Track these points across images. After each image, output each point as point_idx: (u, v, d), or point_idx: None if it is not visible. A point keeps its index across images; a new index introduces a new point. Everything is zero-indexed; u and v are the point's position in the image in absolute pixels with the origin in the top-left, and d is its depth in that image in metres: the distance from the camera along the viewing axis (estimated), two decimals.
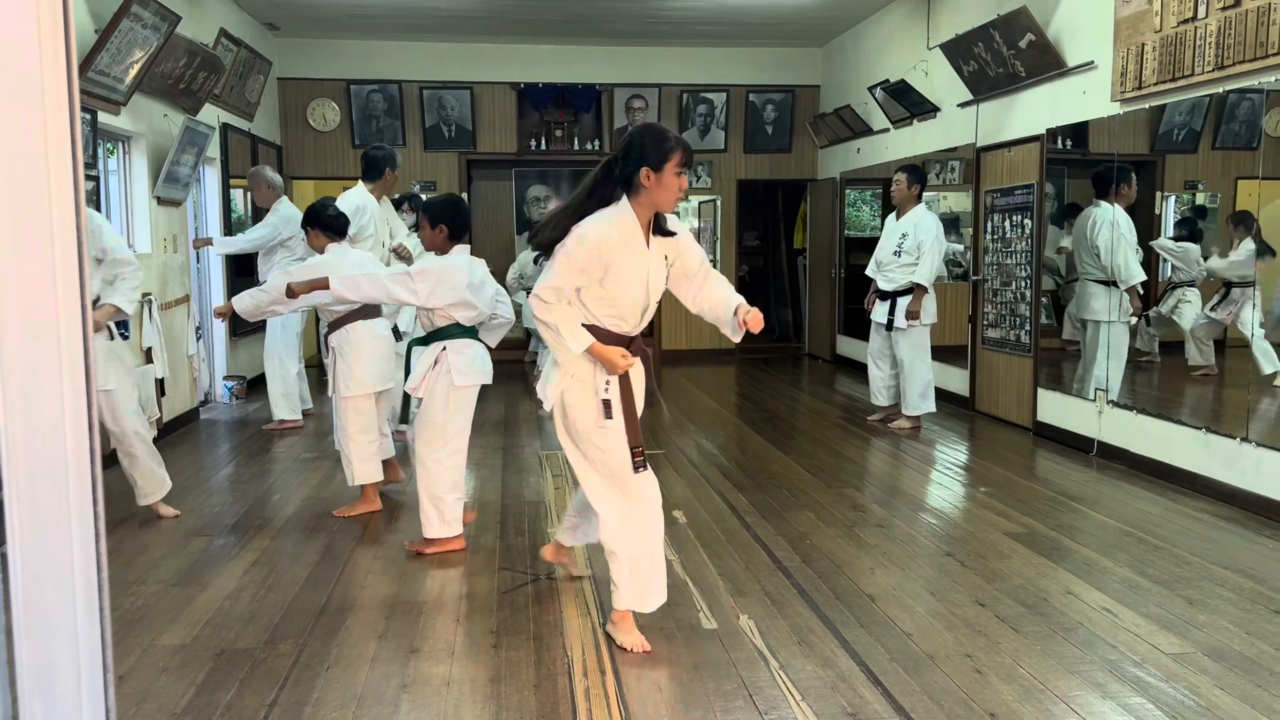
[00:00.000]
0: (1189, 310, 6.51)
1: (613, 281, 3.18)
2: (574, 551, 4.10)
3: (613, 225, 3.15)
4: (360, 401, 4.93)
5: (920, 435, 6.99)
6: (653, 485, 3.35)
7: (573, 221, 3.16)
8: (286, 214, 7.30)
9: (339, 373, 4.94)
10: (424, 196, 7.18)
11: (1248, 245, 5.52)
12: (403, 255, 6.24)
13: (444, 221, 4.25)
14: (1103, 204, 6.29)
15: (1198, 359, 6.27)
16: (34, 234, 0.88)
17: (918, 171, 7.09)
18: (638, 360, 3.38)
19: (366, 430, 4.93)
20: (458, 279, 4.18)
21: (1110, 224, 6.23)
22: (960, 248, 8.74)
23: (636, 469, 3.27)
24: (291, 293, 4.36)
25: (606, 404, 3.24)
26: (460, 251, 4.28)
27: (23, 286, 0.89)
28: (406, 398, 4.61)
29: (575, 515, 3.84)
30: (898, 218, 7.06)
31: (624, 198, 3.18)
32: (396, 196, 7.31)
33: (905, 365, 7.08)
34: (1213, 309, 6.08)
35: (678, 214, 3.47)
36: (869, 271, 7.34)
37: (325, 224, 5.01)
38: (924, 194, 7.13)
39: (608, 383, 3.25)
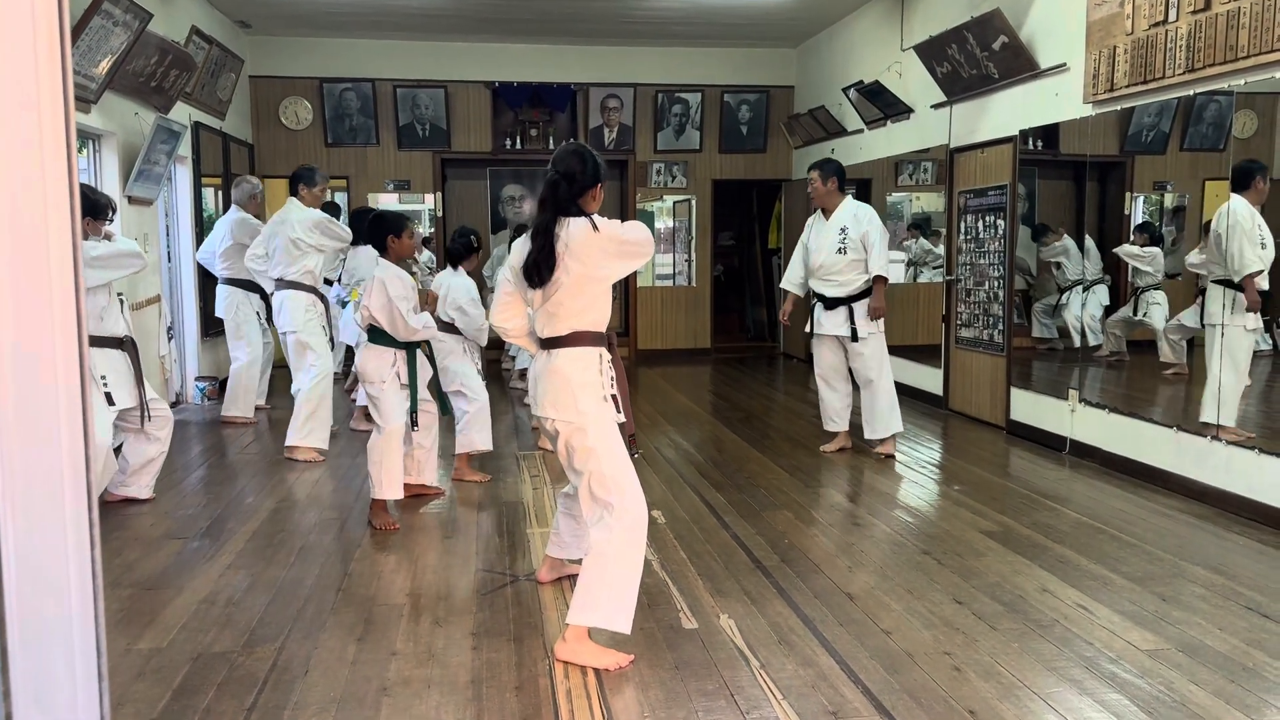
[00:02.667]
0: (1158, 311, 6.59)
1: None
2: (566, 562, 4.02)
3: None
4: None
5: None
6: (643, 498, 3.34)
7: None
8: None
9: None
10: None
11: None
12: None
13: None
14: (1235, 197, 5.54)
15: (1170, 357, 6.34)
16: (29, 239, 0.87)
17: (830, 164, 6.31)
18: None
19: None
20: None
21: (1228, 212, 5.48)
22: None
23: (632, 454, 3.35)
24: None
25: (614, 399, 3.30)
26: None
27: (17, 292, 0.88)
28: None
29: (572, 524, 3.82)
30: (826, 217, 6.25)
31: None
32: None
33: (871, 381, 6.22)
34: (1192, 317, 6.06)
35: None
36: (787, 285, 6.58)
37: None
38: (844, 186, 6.31)
39: (612, 379, 3.31)
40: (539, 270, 3.23)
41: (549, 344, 3.30)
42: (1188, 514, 4.95)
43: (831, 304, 6.22)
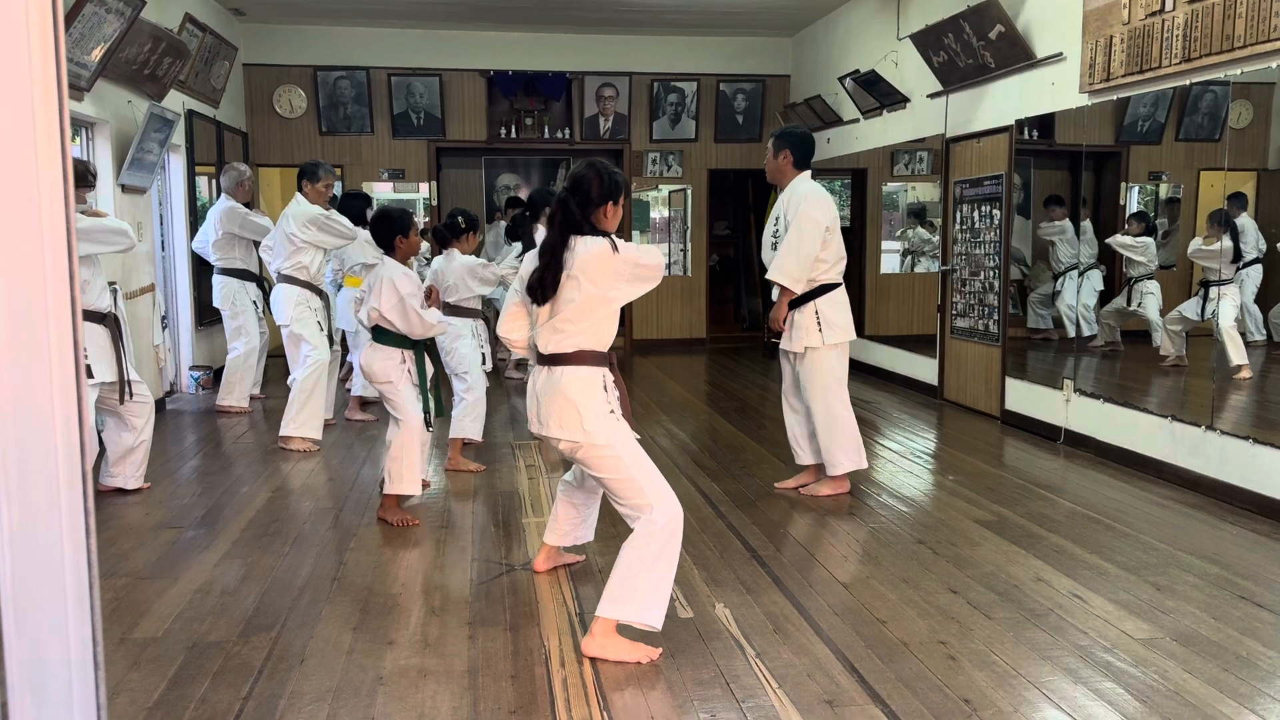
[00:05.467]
0: (1152, 301, 6.59)
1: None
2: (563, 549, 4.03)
3: None
4: None
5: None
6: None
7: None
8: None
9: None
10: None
11: (1226, 243, 5.56)
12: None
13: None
14: None
15: (1169, 349, 6.31)
16: (22, 223, 0.86)
17: (786, 135, 5.04)
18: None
19: None
20: None
21: None
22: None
23: None
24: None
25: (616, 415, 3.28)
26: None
27: (10, 278, 0.87)
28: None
29: (572, 512, 3.83)
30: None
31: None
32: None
33: (813, 407, 5.01)
34: (1193, 309, 6.04)
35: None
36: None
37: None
38: (808, 162, 5.07)
39: (618, 397, 3.29)
40: (542, 288, 3.22)
41: (551, 360, 3.25)
42: (1182, 503, 4.96)
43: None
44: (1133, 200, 6.95)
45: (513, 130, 11.13)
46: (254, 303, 7.39)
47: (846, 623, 3.47)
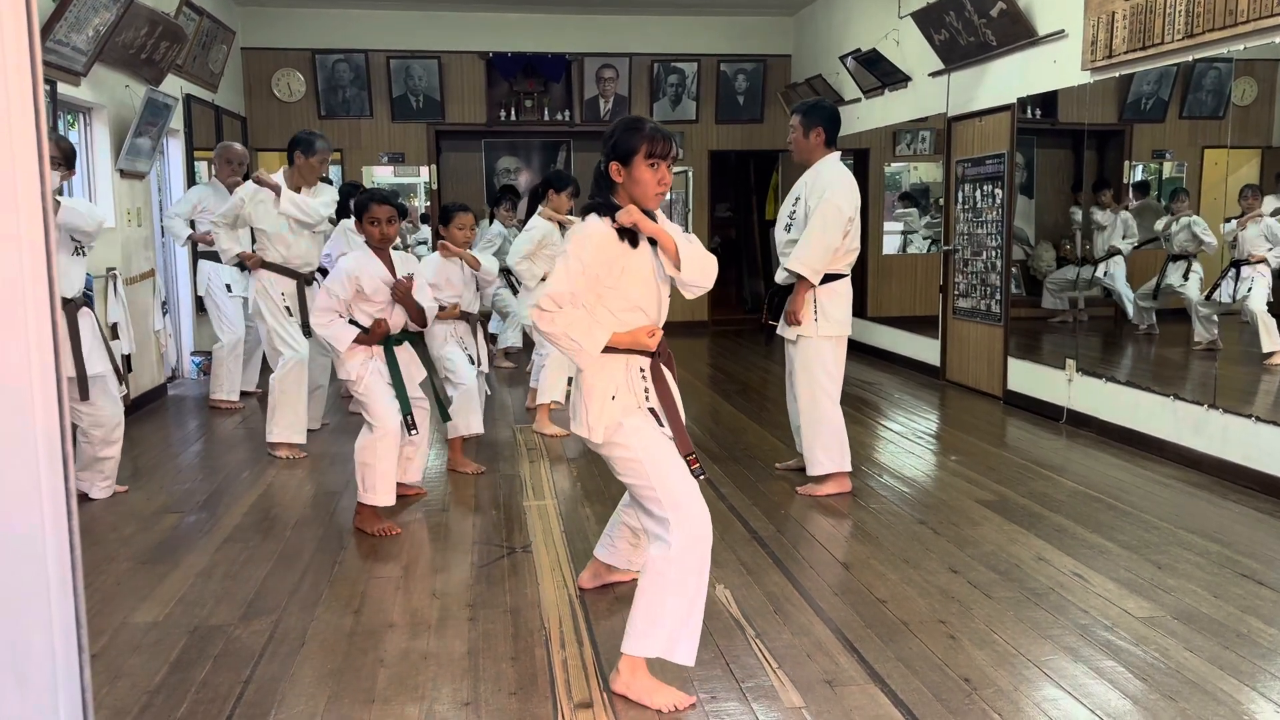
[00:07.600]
0: (1196, 280, 6.33)
1: (625, 282, 2.85)
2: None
3: (606, 224, 2.83)
4: None
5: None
6: (706, 512, 2.88)
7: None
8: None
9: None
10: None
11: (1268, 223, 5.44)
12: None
13: None
14: None
15: (1203, 335, 6.13)
16: None
17: (817, 110, 4.73)
18: (665, 365, 2.97)
19: None
20: None
21: None
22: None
23: (695, 475, 2.90)
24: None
25: (653, 413, 2.88)
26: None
27: None
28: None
29: (628, 532, 3.42)
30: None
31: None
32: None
33: (799, 397, 4.79)
34: (1220, 292, 5.89)
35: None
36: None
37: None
38: (836, 140, 4.76)
39: (647, 391, 2.86)
40: None
41: None
42: (1184, 482, 4.95)
43: (782, 293, 4.91)
44: (1136, 178, 6.93)
45: (512, 112, 11.08)
46: (228, 286, 7.03)
47: (846, 603, 3.47)
